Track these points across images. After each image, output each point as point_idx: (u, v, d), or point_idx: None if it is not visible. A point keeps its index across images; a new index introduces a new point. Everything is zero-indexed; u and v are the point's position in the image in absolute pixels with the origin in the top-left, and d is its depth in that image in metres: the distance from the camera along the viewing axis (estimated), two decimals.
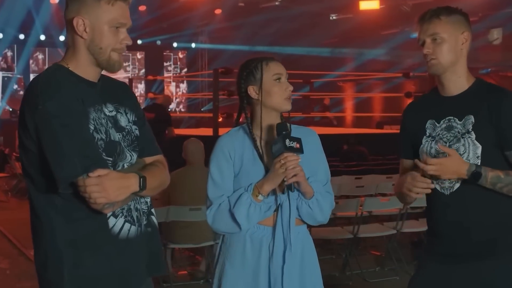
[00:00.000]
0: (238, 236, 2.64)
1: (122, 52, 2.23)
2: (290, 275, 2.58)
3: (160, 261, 2.42)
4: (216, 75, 11.32)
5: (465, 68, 2.67)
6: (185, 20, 18.71)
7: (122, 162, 2.24)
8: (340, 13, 18.38)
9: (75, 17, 2.17)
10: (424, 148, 2.65)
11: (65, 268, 2.16)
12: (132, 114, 2.34)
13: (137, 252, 2.27)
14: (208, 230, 5.58)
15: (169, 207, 5.29)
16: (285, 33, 18.87)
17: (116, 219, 2.21)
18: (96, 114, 2.19)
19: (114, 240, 2.20)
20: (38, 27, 18.58)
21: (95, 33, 2.18)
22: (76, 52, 2.21)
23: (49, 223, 2.18)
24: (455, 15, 2.64)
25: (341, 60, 20.13)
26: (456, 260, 2.61)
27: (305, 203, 2.59)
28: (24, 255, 6.87)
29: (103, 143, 2.17)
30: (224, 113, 11.04)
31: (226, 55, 19.69)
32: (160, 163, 2.35)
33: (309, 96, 15.65)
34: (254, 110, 2.65)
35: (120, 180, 2.08)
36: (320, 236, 5.90)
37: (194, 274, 5.99)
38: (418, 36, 2.66)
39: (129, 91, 2.41)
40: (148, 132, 2.39)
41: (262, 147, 2.61)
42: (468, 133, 2.57)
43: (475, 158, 2.55)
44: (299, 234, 2.64)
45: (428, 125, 2.67)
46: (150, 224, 2.35)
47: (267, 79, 2.60)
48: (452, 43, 2.61)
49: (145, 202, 2.33)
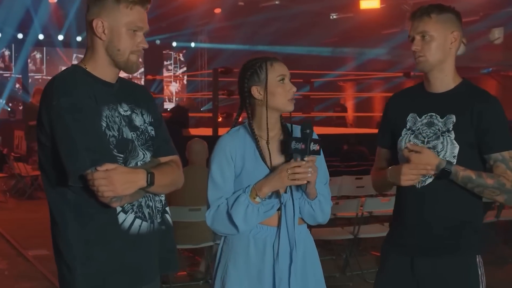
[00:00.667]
0: (240, 237, 2.64)
1: (139, 54, 2.35)
2: (296, 274, 2.59)
3: (174, 258, 2.49)
4: (216, 74, 11.33)
5: (453, 67, 2.72)
6: (185, 19, 18.71)
7: (135, 159, 2.33)
8: (340, 12, 18.38)
9: (95, 19, 2.30)
10: (402, 140, 2.73)
11: (77, 262, 2.25)
12: (149, 115, 2.44)
13: (149, 248, 2.35)
14: (207, 230, 5.58)
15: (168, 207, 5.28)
16: (285, 33, 18.86)
17: (126, 214, 2.29)
18: (110, 112, 2.29)
19: (125, 235, 2.28)
20: (36, 26, 18.57)
21: (113, 35, 2.30)
22: (94, 53, 2.33)
23: (62, 218, 2.28)
24: (447, 13, 2.68)
25: (341, 60, 20.13)
26: (419, 252, 2.68)
27: (308, 204, 2.60)
28: (22, 256, 6.87)
29: (115, 140, 2.27)
30: (224, 113, 11.06)
31: (225, 55, 19.69)
32: (174, 163, 2.44)
33: (309, 95, 15.66)
34: (256, 110, 2.65)
35: (128, 175, 2.17)
36: (320, 237, 5.90)
37: (194, 275, 5.99)
38: (408, 32, 2.71)
39: (147, 94, 2.51)
40: (164, 133, 2.48)
41: (265, 148, 2.61)
42: (448, 132, 2.64)
43: (451, 157, 2.63)
44: (301, 234, 2.65)
45: (410, 118, 2.74)
46: (165, 222, 2.44)
47: (272, 80, 2.60)
48: (441, 42, 2.66)
49: (159, 200, 2.43)
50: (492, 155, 2.62)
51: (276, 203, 2.59)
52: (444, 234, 2.65)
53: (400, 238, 2.75)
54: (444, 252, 2.66)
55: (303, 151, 2.48)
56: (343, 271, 6.11)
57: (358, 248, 6.61)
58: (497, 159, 2.61)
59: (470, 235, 2.67)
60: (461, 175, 2.57)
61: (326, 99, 18.71)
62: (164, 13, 18.10)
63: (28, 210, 9.57)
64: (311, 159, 2.49)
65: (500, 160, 2.61)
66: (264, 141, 2.62)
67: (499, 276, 5.81)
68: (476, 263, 2.67)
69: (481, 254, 2.69)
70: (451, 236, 2.65)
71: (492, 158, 2.62)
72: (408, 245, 2.72)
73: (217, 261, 2.73)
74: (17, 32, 18.95)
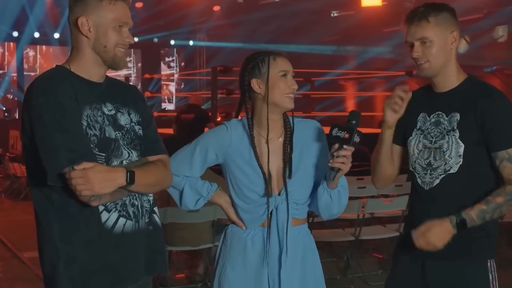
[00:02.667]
0: (239, 238, 2.65)
1: (125, 49, 2.38)
2: (290, 279, 2.58)
3: (162, 260, 2.50)
4: (215, 73, 11.34)
5: (455, 66, 2.71)
6: (183, 17, 18.70)
7: (119, 158, 2.35)
8: (341, 10, 18.37)
9: (80, 17, 2.33)
10: (412, 141, 2.75)
11: (61, 262, 2.28)
12: (137, 115, 2.46)
13: (133, 248, 2.36)
14: (206, 232, 5.60)
15: (167, 208, 5.29)
16: (285, 31, 18.85)
17: (109, 213, 2.31)
18: (92, 112, 2.31)
19: (108, 234, 2.31)
20: (32, 24, 18.57)
21: (99, 32, 2.33)
22: (80, 52, 2.36)
23: (45, 218, 2.32)
24: (443, 13, 2.66)
25: (342, 58, 20.11)
26: (430, 256, 2.65)
27: (327, 193, 2.58)
28: (18, 258, 6.88)
29: (96, 139, 2.30)
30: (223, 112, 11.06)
31: (224, 53, 19.66)
32: (161, 162, 2.43)
33: (309, 95, 15.65)
34: (256, 106, 2.64)
35: (106, 173, 2.19)
36: (321, 238, 5.90)
37: (192, 277, 5.99)
38: (405, 37, 2.69)
39: (137, 94, 2.54)
40: (152, 133, 2.50)
41: (264, 147, 2.60)
42: (453, 130, 2.65)
43: (457, 156, 2.62)
44: (299, 234, 2.64)
45: (420, 118, 2.76)
46: (152, 223, 2.45)
47: (273, 74, 2.59)
48: (442, 45, 2.65)
49: (147, 200, 2.43)
50: (498, 153, 2.60)
51: (264, 210, 2.58)
52: (454, 238, 2.60)
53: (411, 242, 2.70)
54: (455, 256, 2.64)
55: (345, 140, 2.45)
56: (344, 273, 6.11)
57: (360, 250, 6.61)
58: (503, 158, 2.59)
59: (481, 238, 2.65)
60: (474, 215, 2.55)
61: (327, 98, 18.70)
62: (162, 11, 18.13)
63: (24, 211, 9.55)
64: (350, 149, 2.48)
65: (507, 159, 2.59)
66: (264, 139, 2.61)
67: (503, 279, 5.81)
68: (487, 267, 2.65)
69: (493, 259, 2.67)
70: (464, 239, 2.61)
71: (499, 156, 2.60)
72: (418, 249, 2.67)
73: (216, 262, 2.73)
74: (12, 30, 18.95)
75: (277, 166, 2.62)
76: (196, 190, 2.68)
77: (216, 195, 2.70)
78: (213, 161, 2.67)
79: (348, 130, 2.45)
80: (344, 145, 2.45)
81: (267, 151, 2.59)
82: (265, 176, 2.58)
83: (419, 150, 2.71)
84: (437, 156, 2.66)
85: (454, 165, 2.63)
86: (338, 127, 2.48)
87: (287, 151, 2.61)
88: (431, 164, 2.67)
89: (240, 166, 2.60)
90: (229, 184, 2.66)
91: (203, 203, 2.70)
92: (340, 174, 2.51)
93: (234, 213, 2.66)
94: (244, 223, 2.65)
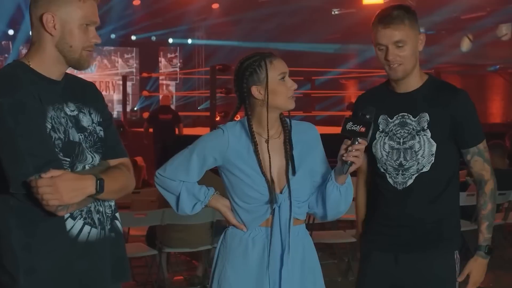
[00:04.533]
0: (239, 238, 2.65)
1: (91, 50, 2.27)
2: (290, 278, 2.59)
3: (125, 267, 2.41)
4: (214, 72, 11.34)
5: (419, 67, 2.81)
6: (181, 15, 18.70)
7: (82, 163, 2.24)
8: (342, 7, 18.37)
9: (45, 13, 2.20)
10: (377, 143, 2.82)
11: (20, 271, 2.15)
12: (97, 115, 2.35)
13: (98, 256, 2.27)
14: (205, 233, 5.59)
15: (164, 209, 5.28)
16: (285, 29, 18.86)
17: (74, 221, 2.21)
18: (55, 113, 2.20)
19: (73, 242, 2.20)
20: (28, 23, 18.52)
21: (65, 30, 2.21)
22: (41, 49, 2.24)
23: (4, 226, 2.17)
24: (412, 14, 2.74)
25: (343, 57, 20.12)
26: (400, 249, 2.82)
27: (337, 188, 2.60)
28: None
29: (61, 142, 2.18)
30: (222, 112, 11.05)
31: (223, 52, 19.67)
32: (124, 166, 2.36)
33: (310, 94, 15.66)
34: (255, 110, 2.64)
35: (75, 182, 2.09)
36: (321, 240, 5.91)
37: (191, 279, 5.99)
38: (377, 39, 2.74)
39: (96, 91, 2.42)
40: (113, 134, 2.40)
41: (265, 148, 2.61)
42: (423, 130, 2.74)
43: (429, 155, 2.74)
44: (299, 234, 2.65)
45: (381, 120, 2.82)
46: (114, 229, 2.35)
47: (273, 79, 2.59)
48: (414, 47, 2.74)
49: (109, 205, 2.33)
50: (470, 149, 2.78)
51: (266, 209, 2.59)
52: (426, 232, 2.79)
53: (384, 236, 2.87)
54: (426, 248, 2.80)
55: (360, 134, 2.48)
56: (345, 275, 6.11)
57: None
58: (474, 153, 2.78)
59: (449, 230, 2.83)
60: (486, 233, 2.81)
61: (328, 97, 18.71)
62: (160, 9, 18.13)
63: None
64: (364, 143, 2.50)
65: (477, 154, 2.78)
66: (264, 139, 2.62)
67: (506, 281, 5.82)
68: (454, 259, 2.81)
69: (458, 250, 2.84)
70: (433, 233, 2.80)
71: (470, 152, 2.79)
72: (391, 243, 2.84)
73: (214, 263, 2.73)
74: (8, 29, 18.96)
75: (278, 164, 2.63)
76: (193, 194, 2.68)
77: (213, 199, 2.70)
78: (212, 165, 2.68)
79: (364, 124, 2.48)
80: (359, 139, 2.48)
81: (267, 150, 2.60)
82: (265, 175, 2.59)
83: (387, 151, 2.80)
84: (408, 156, 2.76)
85: (426, 164, 2.75)
86: (352, 121, 2.50)
87: (288, 149, 2.62)
88: (403, 165, 2.77)
89: (240, 167, 2.61)
90: (228, 186, 2.67)
91: (200, 208, 2.70)
92: (353, 168, 2.54)
93: (233, 216, 2.66)
94: (245, 224, 2.65)
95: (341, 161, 2.53)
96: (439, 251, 2.81)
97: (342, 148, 2.52)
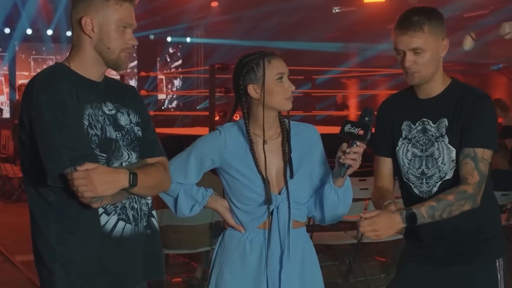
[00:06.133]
0: (237, 240, 2.66)
1: (129, 51, 2.40)
2: (289, 281, 2.59)
3: (159, 265, 2.50)
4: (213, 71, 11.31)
5: (442, 72, 2.72)
6: (180, 13, 18.70)
7: (119, 160, 2.35)
8: (343, 5, 18.36)
9: (84, 17, 2.32)
10: (400, 150, 2.75)
11: (57, 265, 2.27)
12: (136, 115, 2.47)
13: (132, 252, 2.37)
14: (204, 235, 5.59)
15: (163, 210, 5.27)
16: (285, 27, 18.86)
17: (109, 216, 2.31)
18: (93, 111, 2.32)
19: (107, 237, 2.31)
20: (24, 21, 18.56)
21: (103, 33, 2.33)
22: (81, 51, 2.36)
23: (42, 219, 2.31)
24: (435, 19, 2.65)
25: (344, 56, 20.13)
26: (435, 262, 2.71)
27: (334, 191, 2.60)
28: (9, 262, 6.87)
29: (98, 139, 2.29)
30: (221, 112, 11.03)
31: (223, 50, 19.67)
32: (160, 164, 2.44)
33: (310, 93, 15.65)
34: (252, 109, 2.65)
35: (108, 175, 2.17)
36: (322, 242, 5.90)
37: (190, 281, 5.99)
38: (395, 44, 2.68)
39: (136, 94, 2.54)
40: (151, 134, 2.51)
41: (261, 149, 2.61)
42: (441, 136, 2.66)
43: (450, 161, 2.64)
44: (299, 237, 2.65)
45: (404, 126, 2.76)
46: (150, 226, 2.46)
47: (270, 78, 2.59)
48: (434, 54, 2.65)
49: (145, 203, 2.44)
50: (464, 149, 2.61)
51: (264, 211, 2.59)
52: (460, 243, 2.68)
53: (417, 249, 2.78)
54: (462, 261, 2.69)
55: (358, 136, 2.48)
56: (346, 277, 6.11)
57: (362, 253, 6.61)
58: (468, 155, 2.59)
59: (490, 239, 2.71)
60: (424, 211, 2.52)
61: (329, 96, 18.70)
62: (158, 7, 18.11)
63: (16, 214, 9.55)
64: (362, 146, 2.50)
65: (471, 157, 2.59)
66: (261, 140, 2.62)
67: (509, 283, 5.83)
68: (496, 267, 2.71)
69: (502, 257, 2.73)
70: (468, 245, 2.68)
71: (464, 152, 2.60)
72: (425, 255, 2.74)
73: (212, 265, 2.74)
74: (4, 27, 18.95)
75: (276, 165, 2.63)
76: (191, 196, 2.68)
77: (211, 200, 2.70)
78: (210, 166, 2.69)
79: (362, 127, 2.48)
80: (357, 142, 2.47)
81: (263, 151, 2.61)
82: (263, 175, 2.59)
83: (409, 159, 2.73)
84: (429, 164, 2.69)
85: (448, 171, 2.66)
86: (351, 123, 2.50)
87: (286, 150, 2.62)
88: (425, 173, 2.70)
89: (237, 168, 2.61)
90: (226, 187, 2.67)
91: (199, 209, 2.70)
92: (350, 171, 2.53)
93: (232, 217, 2.66)
94: (243, 226, 2.65)
95: (339, 163, 2.52)
96: (474, 265, 2.69)
97: (340, 150, 2.51)
